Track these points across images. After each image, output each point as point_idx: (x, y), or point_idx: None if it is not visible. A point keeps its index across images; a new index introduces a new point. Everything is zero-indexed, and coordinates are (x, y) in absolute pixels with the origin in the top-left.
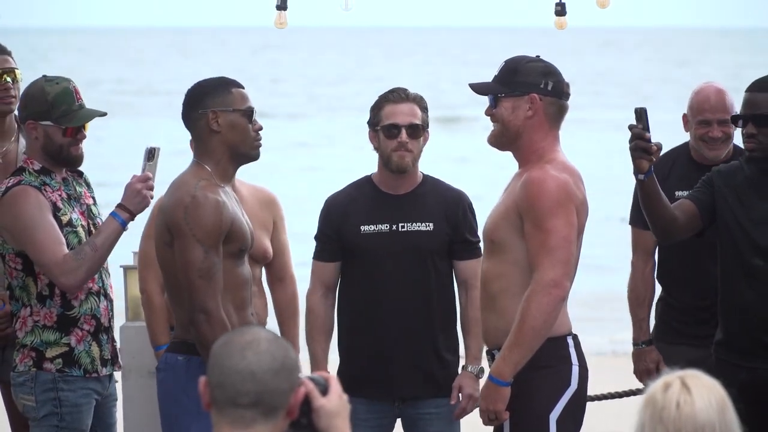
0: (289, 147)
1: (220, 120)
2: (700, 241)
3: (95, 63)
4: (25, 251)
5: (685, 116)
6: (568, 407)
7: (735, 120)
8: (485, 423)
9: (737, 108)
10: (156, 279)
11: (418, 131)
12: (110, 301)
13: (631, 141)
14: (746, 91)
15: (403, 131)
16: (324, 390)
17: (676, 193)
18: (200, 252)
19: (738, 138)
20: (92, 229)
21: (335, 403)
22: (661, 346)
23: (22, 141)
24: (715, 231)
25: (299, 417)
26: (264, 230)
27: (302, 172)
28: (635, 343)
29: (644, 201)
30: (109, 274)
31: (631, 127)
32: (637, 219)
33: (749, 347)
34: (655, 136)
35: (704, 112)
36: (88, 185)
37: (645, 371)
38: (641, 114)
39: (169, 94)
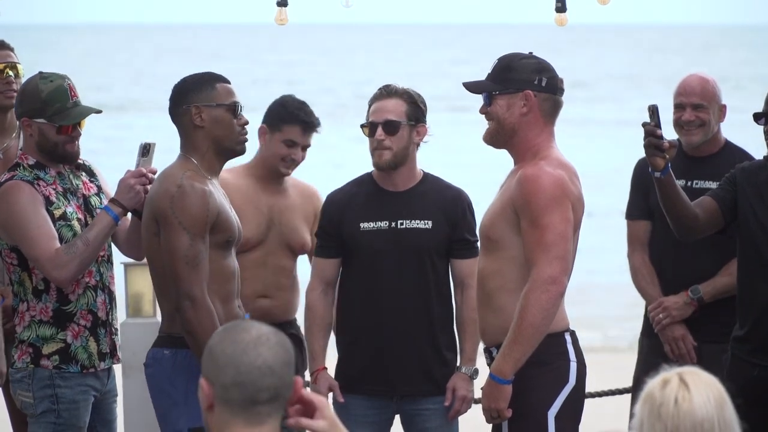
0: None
1: (203, 115)
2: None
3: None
4: (18, 246)
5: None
6: (567, 404)
7: (757, 117)
8: (488, 421)
9: (724, 99)
10: None
11: (395, 127)
12: (109, 294)
13: (644, 138)
14: None
15: (379, 128)
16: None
17: None
18: (186, 239)
19: (738, 136)
20: (89, 222)
21: (329, 423)
22: (647, 341)
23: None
24: (736, 228)
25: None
26: (304, 222)
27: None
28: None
29: (663, 199)
30: (111, 267)
31: (644, 125)
32: (631, 212)
33: (765, 345)
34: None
35: (679, 96)
36: (91, 174)
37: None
38: (653, 111)
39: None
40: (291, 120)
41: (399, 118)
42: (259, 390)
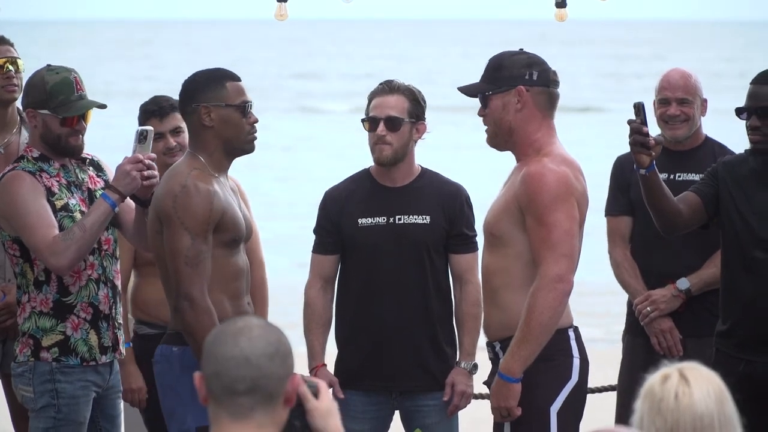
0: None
1: (212, 115)
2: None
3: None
4: (19, 236)
5: (654, 102)
6: (569, 400)
7: (739, 112)
8: (497, 420)
9: (705, 94)
10: None
11: (397, 124)
12: (112, 287)
13: (630, 136)
14: (751, 84)
15: (381, 124)
16: (315, 393)
17: None
18: (187, 239)
19: (714, 129)
20: None
21: (327, 404)
22: (631, 339)
23: (24, 133)
24: (719, 223)
25: (292, 419)
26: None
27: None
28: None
29: (647, 195)
30: (116, 261)
31: (629, 122)
32: (611, 208)
33: (749, 340)
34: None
35: (664, 91)
36: (99, 169)
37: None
38: (639, 108)
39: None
40: (144, 115)
41: (401, 114)
42: (235, 380)
